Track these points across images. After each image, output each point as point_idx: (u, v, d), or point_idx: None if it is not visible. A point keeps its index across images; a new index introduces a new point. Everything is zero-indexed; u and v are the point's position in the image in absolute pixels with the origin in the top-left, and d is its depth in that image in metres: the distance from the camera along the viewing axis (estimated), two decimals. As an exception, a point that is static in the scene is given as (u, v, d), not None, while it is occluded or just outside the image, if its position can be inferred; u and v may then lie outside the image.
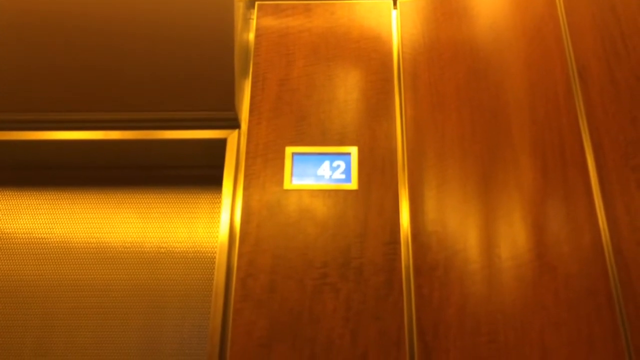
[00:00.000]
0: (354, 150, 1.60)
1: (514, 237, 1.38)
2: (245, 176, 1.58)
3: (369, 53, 1.73)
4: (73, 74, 1.62)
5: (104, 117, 1.66)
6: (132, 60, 1.60)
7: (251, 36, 1.80)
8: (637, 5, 1.33)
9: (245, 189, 1.56)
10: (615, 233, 1.17)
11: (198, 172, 1.81)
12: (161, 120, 1.66)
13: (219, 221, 1.73)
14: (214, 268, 1.67)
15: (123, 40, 1.59)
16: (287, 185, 1.56)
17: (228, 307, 1.45)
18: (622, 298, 1.17)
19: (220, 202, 1.73)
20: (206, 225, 1.76)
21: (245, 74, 1.74)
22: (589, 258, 1.22)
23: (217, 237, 1.70)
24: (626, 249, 1.19)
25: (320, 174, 1.58)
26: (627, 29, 1.27)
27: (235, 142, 1.64)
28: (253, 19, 1.82)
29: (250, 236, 1.50)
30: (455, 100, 1.60)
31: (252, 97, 1.68)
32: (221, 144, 1.65)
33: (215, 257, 1.64)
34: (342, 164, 1.59)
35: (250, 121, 1.65)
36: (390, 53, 1.74)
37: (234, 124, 1.66)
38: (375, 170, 1.58)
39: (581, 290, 1.22)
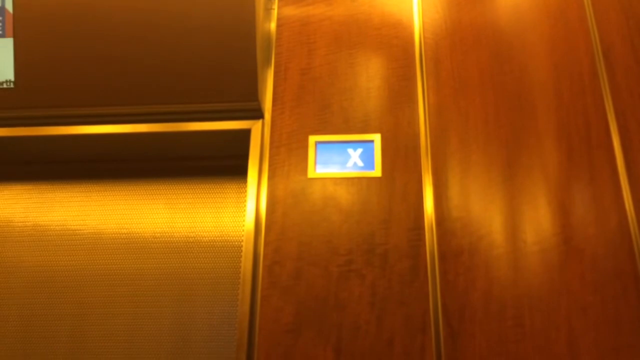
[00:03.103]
0: (377, 138, 1.60)
1: (539, 221, 1.38)
2: (270, 165, 1.60)
3: (390, 39, 1.73)
4: (101, 70, 1.65)
5: (132, 111, 1.70)
6: (156, 54, 1.63)
7: (273, 26, 1.81)
8: (664, -17, 1.30)
9: (270, 178, 1.58)
10: (642, 215, 1.16)
11: (223, 162, 1.84)
12: (186, 112, 1.69)
13: (245, 210, 1.75)
14: (240, 256, 1.70)
15: (146, 34, 1.62)
16: (311, 173, 1.57)
17: (255, 294, 1.48)
18: (649, 280, 1.16)
19: (245, 191, 1.75)
20: (232, 214, 1.79)
21: (267, 63, 1.76)
22: (616, 240, 1.21)
23: (243, 225, 1.73)
24: (654, 230, 1.18)
25: (344, 161, 1.59)
26: (653, 7, 1.24)
27: (259, 132, 1.66)
28: (274, 9, 1.83)
29: (276, 224, 1.53)
30: (478, 85, 1.59)
31: (275, 87, 1.70)
32: (245, 134, 1.67)
33: (241, 245, 1.67)
34: (366, 152, 1.59)
35: (273, 111, 1.67)
36: (411, 39, 1.73)
37: (258, 114, 1.68)
38: (399, 156, 1.58)
39: (607, 273, 1.21)
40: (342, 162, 1.59)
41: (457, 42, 1.67)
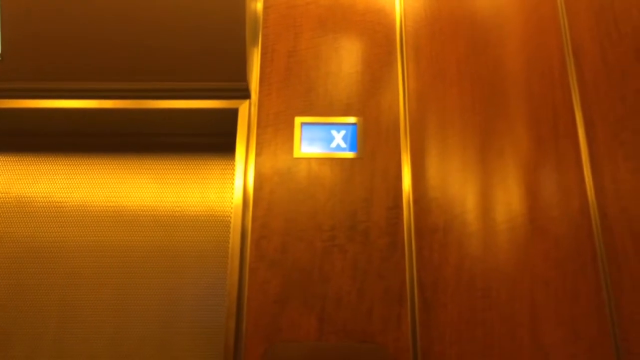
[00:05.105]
0: (359, 120, 1.68)
1: (508, 202, 1.50)
2: (257, 144, 1.66)
3: (373, 25, 1.80)
4: (88, 44, 1.66)
5: (118, 87, 1.72)
6: (145, 30, 1.65)
7: (259, 6, 1.85)
8: (629, -13, 1.41)
9: (257, 156, 1.64)
10: (602, 200, 1.28)
11: (211, 139, 1.88)
12: (174, 90, 1.72)
13: (230, 186, 1.81)
14: (225, 230, 1.77)
15: (135, 11, 1.64)
16: (296, 153, 1.65)
17: (244, 267, 1.55)
18: (605, 257, 1.29)
19: (231, 168, 1.81)
20: (218, 190, 1.84)
21: (254, 44, 1.80)
22: (577, 221, 1.34)
23: (228, 201, 1.79)
24: (611, 213, 1.31)
25: (328, 142, 1.66)
26: (620, 14, 1.35)
27: (246, 111, 1.71)
28: (260, -10, 1.86)
29: (263, 201, 1.60)
30: (455, 73, 1.69)
31: (262, 69, 1.75)
32: (233, 113, 1.72)
33: (226, 220, 1.74)
34: (349, 134, 1.67)
35: (260, 92, 1.72)
36: (393, 26, 1.80)
37: (245, 94, 1.73)
38: (380, 139, 1.67)
39: (569, 251, 1.34)
40: (327, 143, 1.66)
41: (437, 32, 1.76)
